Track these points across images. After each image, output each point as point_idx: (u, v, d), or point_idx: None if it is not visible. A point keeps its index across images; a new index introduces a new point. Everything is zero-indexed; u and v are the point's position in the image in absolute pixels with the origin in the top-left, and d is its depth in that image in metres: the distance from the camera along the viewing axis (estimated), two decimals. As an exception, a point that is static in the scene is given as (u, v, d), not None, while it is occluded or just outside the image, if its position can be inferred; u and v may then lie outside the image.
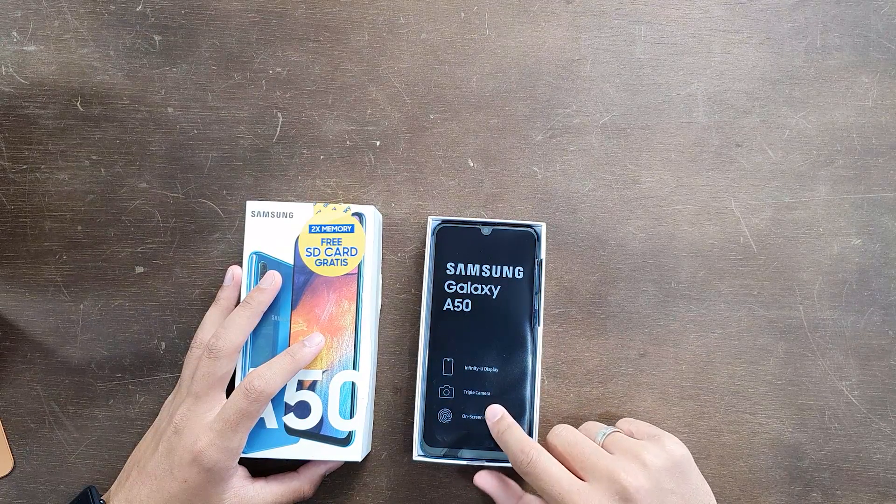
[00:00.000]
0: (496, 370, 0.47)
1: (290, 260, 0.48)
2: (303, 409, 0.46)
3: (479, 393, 0.47)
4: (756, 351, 0.52)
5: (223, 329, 0.45)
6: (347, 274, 0.48)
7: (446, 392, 0.47)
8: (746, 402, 0.52)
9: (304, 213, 0.48)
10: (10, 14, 0.53)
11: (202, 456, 0.41)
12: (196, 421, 0.43)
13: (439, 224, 0.48)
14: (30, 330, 0.52)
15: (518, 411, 0.46)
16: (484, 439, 0.46)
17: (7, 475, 0.51)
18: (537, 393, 0.47)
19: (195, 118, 0.53)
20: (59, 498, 0.50)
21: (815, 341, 0.52)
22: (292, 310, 0.47)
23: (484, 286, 0.48)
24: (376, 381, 0.51)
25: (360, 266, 0.48)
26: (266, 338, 0.47)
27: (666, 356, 0.52)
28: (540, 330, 0.49)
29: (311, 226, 0.48)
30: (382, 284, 0.52)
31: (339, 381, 0.47)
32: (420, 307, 0.50)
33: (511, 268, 0.48)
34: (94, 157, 0.53)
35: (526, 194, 0.53)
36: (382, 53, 0.54)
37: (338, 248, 0.48)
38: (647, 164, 0.53)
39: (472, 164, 0.53)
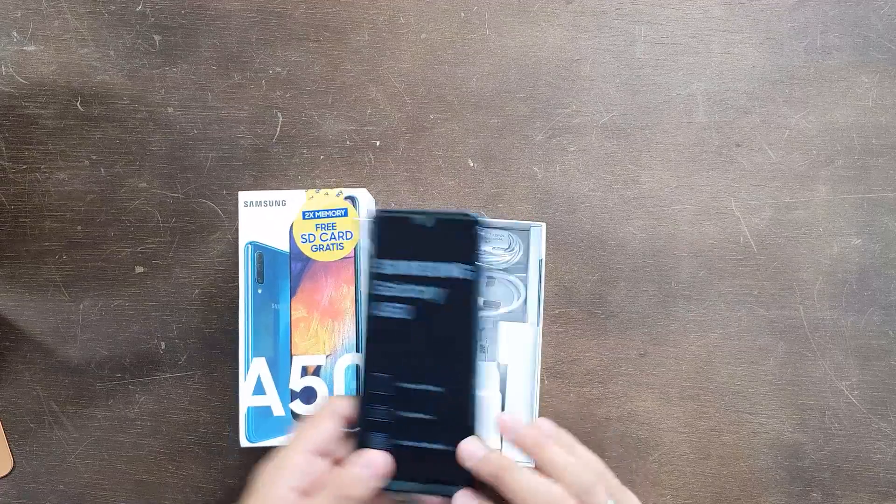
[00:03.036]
0: (441, 389, 0.39)
1: (285, 247, 0.48)
2: (309, 395, 0.47)
3: (420, 416, 0.39)
4: (756, 351, 0.52)
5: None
6: (344, 258, 0.48)
7: (382, 414, 0.39)
8: (746, 402, 0.52)
9: (297, 199, 0.48)
10: (10, 14, 0.53)
11: None
12: None
13: (376, 215, 0.40)
14: (30, 330, 0.52)
15: (463, 435, 0.38)
16: (425, 472, 0.38)
17: (7, 475, 0.51)
18: (479, 417, 0.39)
19: (195, 118, 0.53)
20: (58, 498, 0.50)
21: (815, 341, 0.52)
22: (292, 297, 0.47)
23: (425, 288, 0.39)
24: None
25: (356, 249, 0.48)
26: (266, 326, 0.47)
27: (666, 356, 0.52)
28: (542, 327, 0.49)
29: (304, 212, 0.48)
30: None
31: (343, 364, 0.47)
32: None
33: (457, 265, 0.39)
34: (94, 157, 0.53)
35: (526, 194, 0.53)
36: (382, 53, 0.54)
37: (333, 233, 0.48)
38: (647, 164, 0.53)
39: (472, 164, 0.53)
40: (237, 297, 0.48)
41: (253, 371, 0.47)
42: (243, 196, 0.48)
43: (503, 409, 0.50)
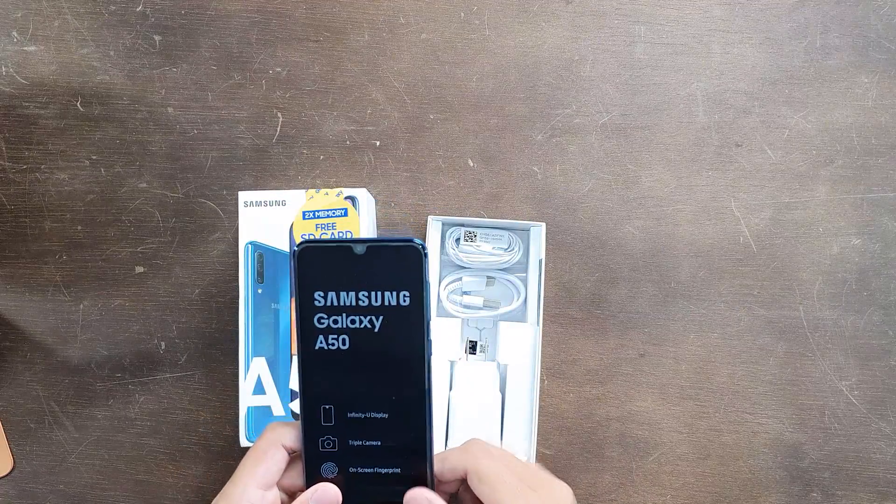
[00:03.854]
0: (385, 416, 0.38)
1: (285, 247, 0.48)
2: None
3: (367, 443, 0.38)
4: (756, 351, 0.52)
5: None
6: None
7: (329, 444, 0.39)
8: (746, 402, 0.52)
9: (297, 199, 0.48)
10: (10, 14, 0.53)
11: None
12: None
13: (301, 246, 0.38)
14: (30, 330, 0.52)
15: (417, 461, 0.38)
16: (378, 495, 0.39)
17: (7, 475, 0.51)
18: (433, 440, 0.39)
19: (195, 118, 0.53)
20: (58, 498, 0.50)
21: (815, 341, 0.52)
22: (292, 297, 0.47)
23: (363, 318, 0.38)
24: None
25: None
26: (267, 326, 0.47)
27: (666, 356, 0.52)
28: (542, 327, 0.49)
29: (304, 212, 0.48)
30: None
31: None
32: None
33: (394, 293, 0.38)
34: (94, 157, 0.53)
35: (526, 194, 0.53)
36: (382, 53, 0.54)
37: (333, 233, 0.48)
38: (646, 164, 0.53)
39: (471, 164, 0.53)
40: (237, 297, 0.48)
41: (253, 371, 0.47)
42: (243, 196, 0.48)
43: (503, 409, 0.50)
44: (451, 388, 0.50)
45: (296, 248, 0.38)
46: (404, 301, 0.38)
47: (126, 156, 0.53)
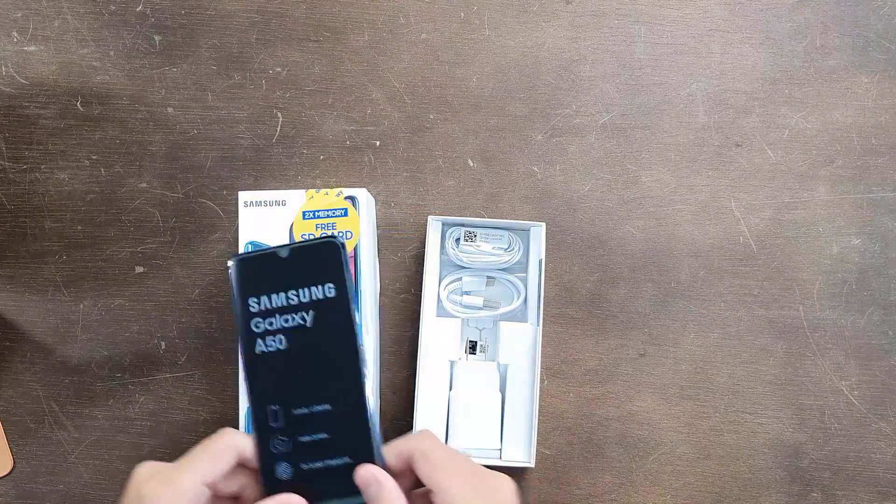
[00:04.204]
0: (328, 406, 0.40)
1: None
2: None
3: (315, 437, 0.40)
4: (756, 351, 0.52)
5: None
6: None
7: (280, 444, 0.40)
8: (746, 402, 0.52)
9: (297, 199, 0.48)
10: (10, 14, 0.53)
11: None
12: None
13: (236, 260, 0.41)
14: (30, 330, 0.52)
15: (363, 446, 0.40)
16: (333, 488, 0.40)
17: (7, 475, 0.51)
18: (376, 419, 0.41)
19: (195, 118, 0.53)
20: (58, 498, 0.50)
21: (815, 341, 0.52)
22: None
23: (294, 315, 0.41)
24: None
25: (356, 249, 0.48)
26: None
27: (666, 356, 0.52)
28: (542, 327, 0.49)
29: (304, 212, 0.48)
30: (381, 284, 0.52)
31: None
32: (419, 308, 0.50)
33: (320, 287, 0.41)
34: (94, 157, 0.53)
35: (526, 194, 0.53)
36: (382, 53, 0.54)
37: (333, 233, 0.48)
38: (647, 164, 0.53)
39: (471, 164, 0.53)
40: (237, 297, 0.48)
41: (253, 371, 0.47)
42: (243, 196, 0.48)
43: (503, 409, 0.50)
44: (451, 388, 0.50)
45: (229, 263, 0.41)
46: (330, 293, 0.41)
47: (126, 156, 0.53)
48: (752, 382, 0.52)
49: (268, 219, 0.48)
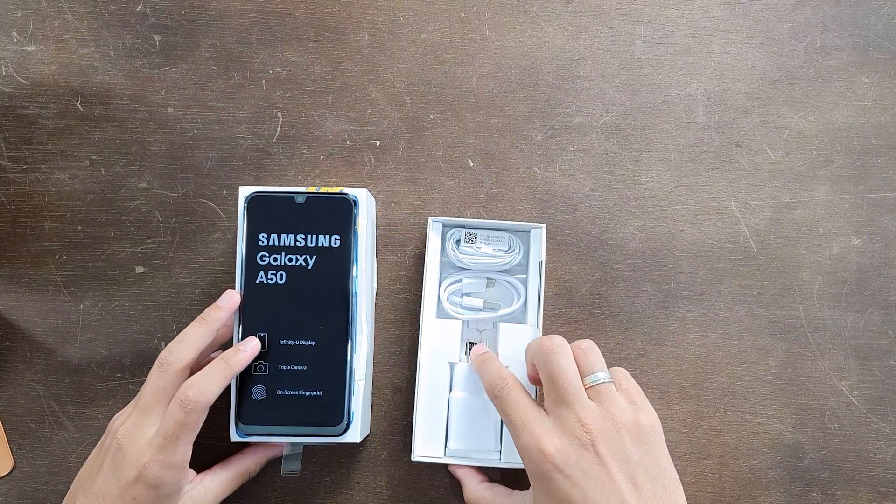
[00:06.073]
0: (312, 343, 0.44)
1: None
2: None
3: (295, 367, 0.44)
4: (756, 351, 0.52)
5: (176, 343, 0.43)
6: None
7: (261, 368, 0.44)
8: (746, 402, 0.52)
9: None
10: (10, 14, 0.53)
11: (146, 473, 0.40)
12: (139, 436, 0.41)
13: (251, 195, 0.46)
14: (30, 330, 0.52)
15: (337, 384, 0.44)
16: (300, 416, 0.44)
17: (7, 475, 0.51)
18: (359, 363, 0.45)
19: (195, 118, 0.53)
20: (59, 498, 0.50)
21: (815, 341, 0.52)
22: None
23: (298, 257, 0.45)
24: (375, 381, 0.51)
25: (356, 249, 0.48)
26: None
27: (666, 356, 0.52)
28: (542, 329, 0.49)
29: None
30: (379, 282, 0.52)
31: None
32: (419, 308, 0.50)
33: (327, 236, 0.45)
34: (94, 157, 0.53)
35: (526, 194, 0.53)
36: (382, 53, 0.54)
37: None
38: (646, 164, 0.53)
39: (471, 164, 0.53)
40: (237, 297, 0.48)
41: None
42: (244, 192, 0.48)
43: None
44: (451, 389, 0.50)
45: (246, 196, 0.45)
46: (335, 243, 0.45)
47: (126, 156, 0.53)
48: (752, 382, 0.52)
49: None
